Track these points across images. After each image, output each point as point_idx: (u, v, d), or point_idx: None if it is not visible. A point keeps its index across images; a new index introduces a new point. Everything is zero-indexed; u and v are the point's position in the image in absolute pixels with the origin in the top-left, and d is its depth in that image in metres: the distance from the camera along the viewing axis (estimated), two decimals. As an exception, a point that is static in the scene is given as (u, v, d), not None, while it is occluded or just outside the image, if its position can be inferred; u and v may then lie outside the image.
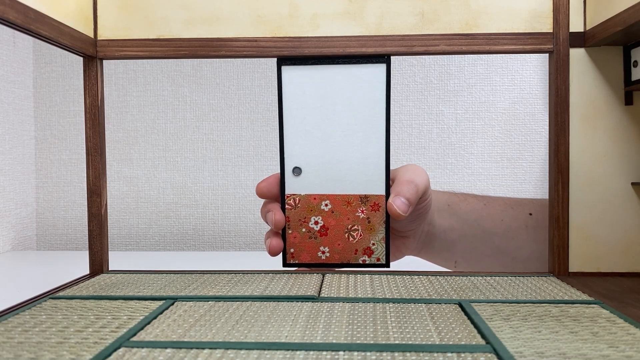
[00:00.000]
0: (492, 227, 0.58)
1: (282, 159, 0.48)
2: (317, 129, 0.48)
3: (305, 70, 0.47)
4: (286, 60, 0.47)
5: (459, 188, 1.12)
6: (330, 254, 0.48)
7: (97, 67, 0.48)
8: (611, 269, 0.46)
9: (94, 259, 0.48)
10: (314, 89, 0.47)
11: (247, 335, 0.30)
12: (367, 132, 0.47)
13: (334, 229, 0.48)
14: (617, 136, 0.46)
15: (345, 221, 0.48)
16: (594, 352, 0.27)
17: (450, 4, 0.46)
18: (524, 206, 0.60)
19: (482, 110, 1.12)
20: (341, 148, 0.48)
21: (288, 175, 0.48)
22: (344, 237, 0.48)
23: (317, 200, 0.48)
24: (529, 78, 1.11)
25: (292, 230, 0.48)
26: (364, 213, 0.48)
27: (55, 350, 0.27)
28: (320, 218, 0.48)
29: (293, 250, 0.48)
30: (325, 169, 0.48)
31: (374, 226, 0.48)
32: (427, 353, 0.27)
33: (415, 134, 1.11)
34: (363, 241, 0.48)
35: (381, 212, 0.48)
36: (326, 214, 0.48)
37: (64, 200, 1.15)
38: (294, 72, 0.47)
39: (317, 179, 0.48)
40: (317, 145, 0.48)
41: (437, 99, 1.12)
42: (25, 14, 0.37)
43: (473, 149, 1.12)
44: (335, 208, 0.48)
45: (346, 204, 0.48)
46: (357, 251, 0.48)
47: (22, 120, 1.10)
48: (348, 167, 0.48)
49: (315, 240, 0.48)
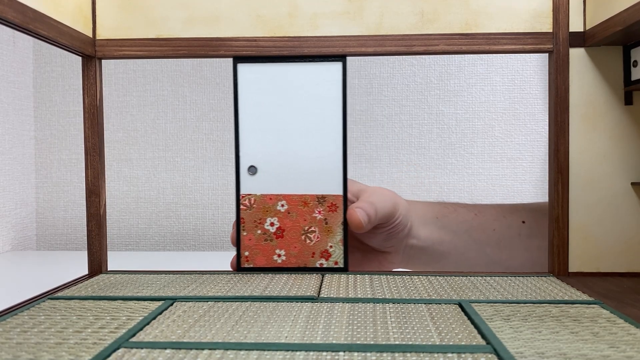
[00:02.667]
0: (484, 237, 0.57)
1: (237, 158, 0.47)
2: (273, 127, 0.47)
3: (260, 68, 0.47)
4: (242, 58, 0.47)
5: (459, 188, 1.12)
6: (286, 257, 0.47)
7: (96, 66, 0.48)
8: (611, 269, 0.46)
9: (92, 259, 0.48)
10: (270, 88, 0.47)
11: (247, 335, 0.29)
12: (324, 131, 0.47)
13: (290, 230, 0.47)
14: (617, 136, 0.46)
15: (301, 222, 0.47)
16: (595, 353, 0.26)
17: (450, 4, 0.46)
18: (517, 213, 0.59)
19: (482, 110, 1.12)
20: (297, 147, 0.47)
21: (243, 175, 0.47)
22: (301, 240, 0.47)
23: (273, 201, 0.47)
24: (529, 78, 1.11)
25: (246, 232, 0.47)
26: (321, 214, 0.47)
27: (54, 350, 0.27)
28: (276, 219, 0.47)
29: (248, 253, 0.47)
30: (282, 168, 0.47)
31: (331, 228, 0.47)
32: (428, 353, 0.26)
33: (415, 134, 1.11)
34: (320, 243, 0.47)
35: (339, 213, 0.47)
36: (282, 215, 0.47)
37: (64, 200, 1.15)
38: (250, 70, 0.47)
39: (273, 179, 0.47)
40: (273, 144, 0.47)
41: (437, 99, 1.12)
42: (24, 14, 0.36)
43: (473, 149, 1.12)
44: (292, 209, 0.47)
45: (303, 204, 0.47)
46: (314, 254, 0.47)
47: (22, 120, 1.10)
48: (304, 167, 0.47)
49: (270, 242, 0.47)
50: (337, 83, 0.47)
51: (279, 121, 0.47)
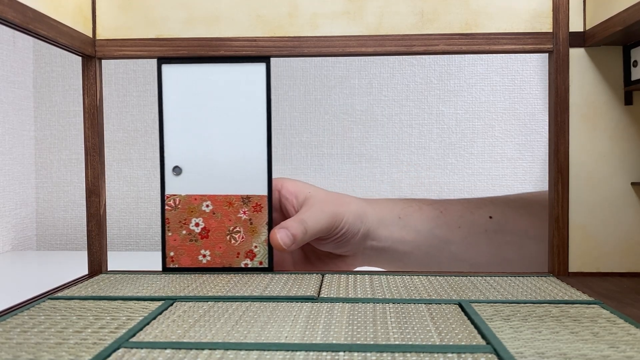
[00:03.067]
0: (449, 235, 0.56)
1: (162, 158, 0.47)
2: (198, 127, 0.47)
3: (185, 69, 0.47)
4: (166, 59, 0.47)
5: (459, 188, 1.12)
6: (211, 258, 0.47)
7: (96, 66, 0.48)
8: (611, 269, 0.46)
9: (92, 259, 0.48)
10: (194, 88, 0.47)
11: (247, 335, 0.29)
12: (249, 132, 0.47)
13: (215, 231, 0.47)
14: (617, 136, 0.46)
15: (226, 223, 0.47)
16: (595, 353, 0.26)
17: (450, 4, 0.46)
18: (484, 208, 0.57)
19: (482, 110, 1.12)
20: (222, 147, 0.47)
21: (168, 175, 0.47)
22: (226, 240, 0.47)
23: (198, 201, 0.47)
24: (529, 78, 1.11)
25: (171, 232, 0.47)
26: (245, 214, 0.47)
27: (54, 351, 0.27)
28: (201, 220, 0.47)
29: (173, 253, 0.47)
30: (206, 169, 0.47)
31: (256, 228, 0.47)
32: (428, 353, 0.27)
33: (415, 134, 1.11)
34: (245, 244, 0.47)
35: (263, 213, 0.47)
36: (207, 216, 0.47)
37: (64, 200, 1.15)
38: (174, 71, 0.47)
39: (197, 179, 0.47)
40: (198, 144, 0.47)
41: (437, 99, 1.12)
42: (24, 14, 0.36)
43: (473, 149, 1.12)
44: (217, 209, 0.47)
45: (227, 204, 0.47)
46: (239, 254, 0.47)
47: (22, 120, 1.10)
48: (229, 167, 0.47)
49: (195, 243, 0.47)
50: (261, 84, 0.47)
51: (204, 122, 0.47)
